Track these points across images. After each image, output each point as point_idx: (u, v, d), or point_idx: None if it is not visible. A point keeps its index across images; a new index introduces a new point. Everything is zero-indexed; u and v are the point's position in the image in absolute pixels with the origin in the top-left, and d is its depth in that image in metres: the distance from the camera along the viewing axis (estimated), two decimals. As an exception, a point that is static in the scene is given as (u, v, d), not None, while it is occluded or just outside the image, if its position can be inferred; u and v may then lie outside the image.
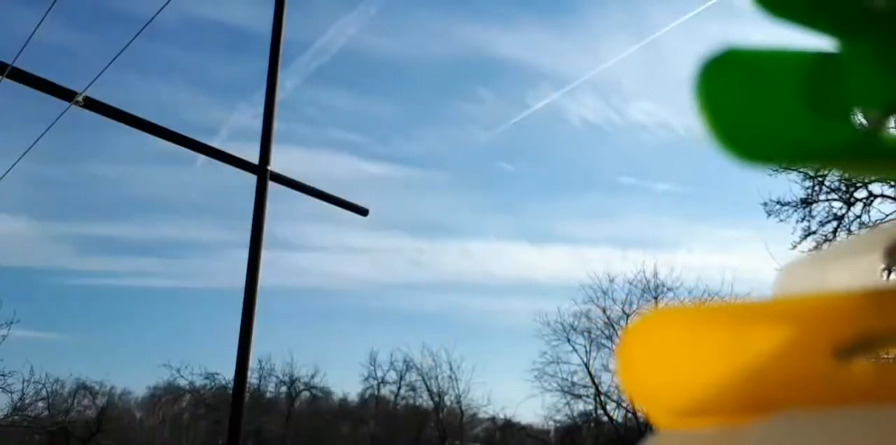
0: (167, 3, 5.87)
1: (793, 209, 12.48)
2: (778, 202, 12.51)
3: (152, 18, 6.00)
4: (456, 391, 28.12)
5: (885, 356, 0.17)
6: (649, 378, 0.17)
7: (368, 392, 29.82)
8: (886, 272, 0.21)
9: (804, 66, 0.18)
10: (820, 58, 0.18)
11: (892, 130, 0.18)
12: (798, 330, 0.17)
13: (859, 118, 0.18)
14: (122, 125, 5.96)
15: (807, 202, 12.36)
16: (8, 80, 5.21)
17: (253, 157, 6.27)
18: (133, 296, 38.53)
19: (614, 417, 22.36)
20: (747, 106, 0.17)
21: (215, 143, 6.55)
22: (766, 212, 12.73)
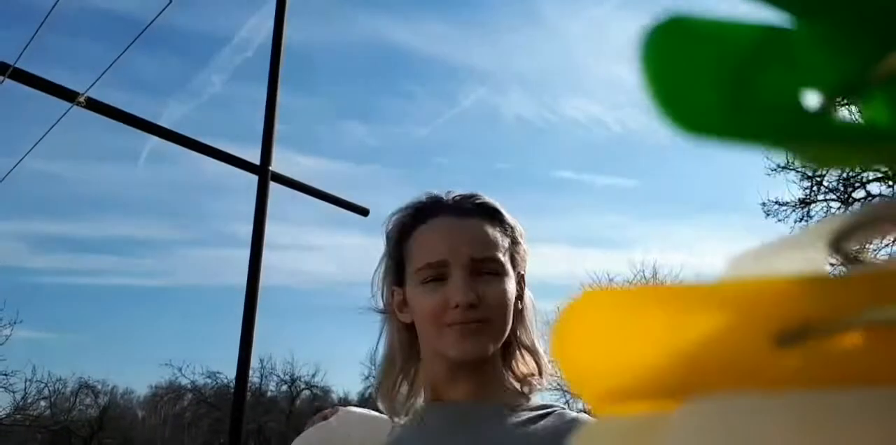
0: (166, 6, 5.87)
1: (791, 209, 12.44)
2: (776, 202, 12.48)
3: (153, 20, 6.00)
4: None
5: (825, 342, 0.17)
6: (584, 361, 0.17)
7: (368, 391, 29.77)
8: (833, 264, 0.21)
9: (753, 40, 0.18)
10: (770, 32, 0.18)
11: (840, 113, 0.18)
12: (738, 313, 0.17)
13: (807, 99, 0.18)
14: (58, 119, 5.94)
15: (805, 202, 12.32)
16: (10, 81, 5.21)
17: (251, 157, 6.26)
18: (131, 296, 38.54)
19: (615, 417, 22.28)
20: (691, 78, 0.17)
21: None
22: (765, 212, 12.70)
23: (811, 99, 0.18)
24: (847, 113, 0.18)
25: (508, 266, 0.94)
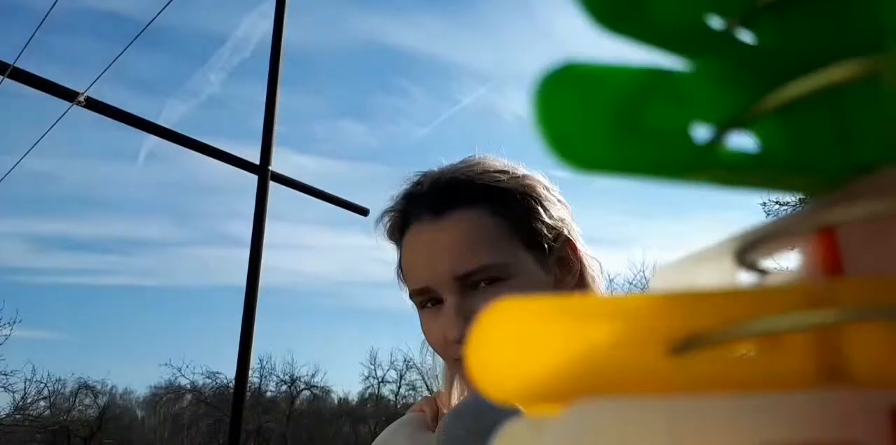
0: (165, 6, 5.88)
1: (791, 209, 12.46)
2: (777, 202, 12.50)
3: (152, 20, 6.02)
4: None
5: (715, 352, 0.19)
6: (495, 365, 0.19)
7: (368, 391, 29.83)
8: (747, 273, 0.23)
9: (644, 82, 0.20)
10: (660, 74, 0.20)
11: (730, 144, 0.20)
12: (635, 324, 0.19)
13: (697, 133, 0.20)
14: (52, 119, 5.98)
15: (805, 202, 12.32)
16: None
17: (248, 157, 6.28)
18: (130, 296, 38.56)
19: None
20: (583, 119, 0.19)
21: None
22: (765, 211, 12.73)
23: (700, 131, 0.19)
24: (741, 142, 0.20)
25: (515, 257, 0.74)
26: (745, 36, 0.20)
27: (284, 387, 28.65)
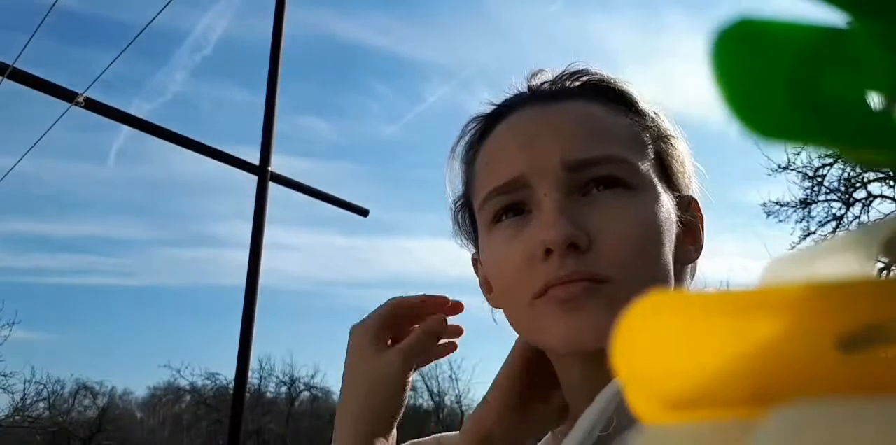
0: (162, 10, 5.86)
1: (792, 209, 12.43)
2: (777, 202, 12.47)
3: (150, 22, 6.00)
4: (456, 391, 28.16)
5: (891, 347, 0.17)
6: (645, 366, 0.17)
7: (369, 392, 29.72)
8: (884, 269, 0.20)
9: (816, 41, 0.17)
10: (832, 33, 0.18)
11: None
12: (801, 318, 0.17)
13: (870, 99, 0.18)
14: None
15: (806, 202, 12.31)
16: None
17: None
18: (127, 297, 38.51)
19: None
20: (759, 80, 0.17)
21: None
22: (765, 212, 12.69)
23: (874, 99, 0.17)
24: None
25: (648, 174, 0.54)
26: None
27: (284, 388, 28.63)
